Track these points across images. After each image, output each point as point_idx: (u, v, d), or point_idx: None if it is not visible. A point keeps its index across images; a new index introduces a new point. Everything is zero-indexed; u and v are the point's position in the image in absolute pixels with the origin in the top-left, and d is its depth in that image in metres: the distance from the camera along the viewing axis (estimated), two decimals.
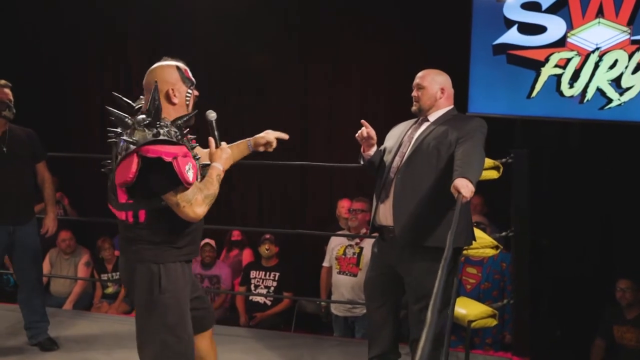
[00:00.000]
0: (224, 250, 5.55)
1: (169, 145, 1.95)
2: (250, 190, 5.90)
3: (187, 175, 1.93)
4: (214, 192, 2.05)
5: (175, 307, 2.07)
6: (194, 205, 1.98)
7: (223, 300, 5.02)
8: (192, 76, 2.16)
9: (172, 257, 2.08)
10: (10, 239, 3.26)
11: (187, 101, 2.12)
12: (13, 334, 3.51)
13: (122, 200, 2.04)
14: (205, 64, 5.79)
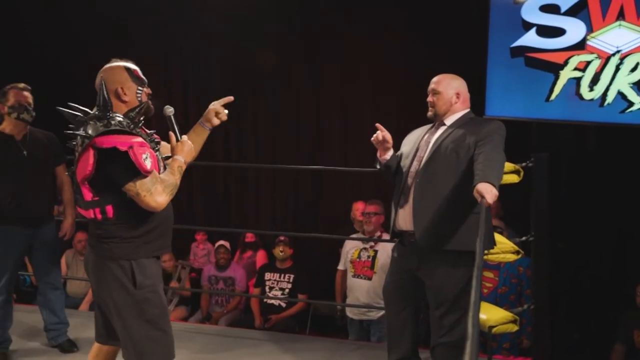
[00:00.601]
0: (238, 252, 5.56)
1: (123, 135, 2.00)
2: (264, 192, 5.91)
3: (144, 164, 1.97)
4: (174, 181, 2.08)
5: (154, 300, 2.10)
6: (154, 194, 2.01)
7: (238, 302, 5.04)
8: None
9: (143, 252, 2.10)
10: (29, 241, 3.27)
11: (138, 98, 2.15)
12: (33, 335, 3.53)
13: (88, 198, 2.06)
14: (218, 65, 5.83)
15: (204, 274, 5.19)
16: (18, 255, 3.26)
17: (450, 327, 2.49)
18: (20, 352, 3.31)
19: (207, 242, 5.82)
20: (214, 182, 6.08)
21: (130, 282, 2.06)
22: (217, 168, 5.98)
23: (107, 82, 2.11)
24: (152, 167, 2.00)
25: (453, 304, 2.48)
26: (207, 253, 5.80)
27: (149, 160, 1.98)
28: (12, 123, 3.20)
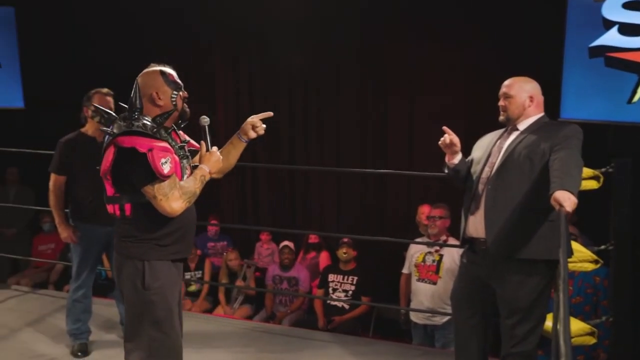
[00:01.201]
0: (301, 253, 5.61)
1: (144, 137, 2.03)
2: (328, 194, 5.93)
3: (161, 168, 1.99)
4: (193, 190, 2.12)
5: (161, 303, 2.11)
6: (170, 200, 2.04)
7: (301, 302, 5.08)
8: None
9: (157, 254, 2.12)
10: (108, 238, 3.42)
11: (173, 102, 2.18)
12: (110, 327, 3.70)
13: (110, 193, 2.14)
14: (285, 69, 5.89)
15: (268, 274, 5.26)
16: (98, 252, 3.42)
17: (522, 337, 2.43)
18: (98, 343, 3.47)
19: (271, 242, 5.90)
20: (279, 184, 6.16)
21: (140, 282, 2.11)
22: (283, 170, 6.05)
23: (143, 87, 2.16)
24: (171, 172, 2.02)
25: (526, 313, 2.42)
26: (271, 253, 5.88)
27: (167, 165, 2.00)
28: (94, 126, 3.36)
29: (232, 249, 5.42)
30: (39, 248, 5.96)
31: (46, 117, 5.45)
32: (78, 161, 3.31)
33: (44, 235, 6.00)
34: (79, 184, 3.34)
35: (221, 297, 5.24)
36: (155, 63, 2.24)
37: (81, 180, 3.33)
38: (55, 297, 4.35)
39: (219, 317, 4.36)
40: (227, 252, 5.39)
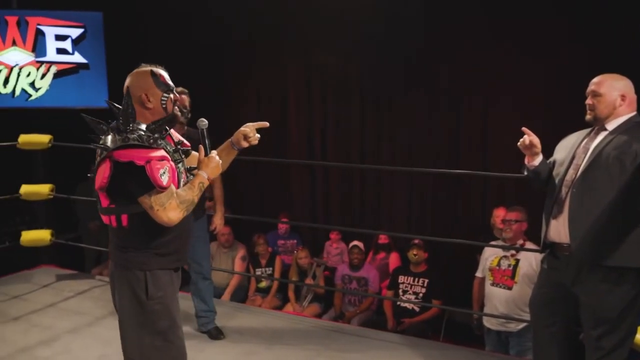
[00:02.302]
0: (371, 253, 5.58)
1: (141, 149, 1.97)
2: (400, 194, 5.87)
3: (160, 179, 1.95)
4: (191, 198, 2.05)
5: (164, 312, 2.08)
6: (167, 210, 1.99)
7: (370, 302, 5.05)
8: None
9: (158, 264, 2.08)
10: None
11: (162, 105, 2.11)
12: (184, 320, 3.69)
13: (104, 204, 2.06)
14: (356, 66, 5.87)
15: (337, 273, 5.27)
16: None
17: (610, 350, 2.30)
18: None
19: (340, 242, 5.91)
20: (350, 183, 6.16)
21: (143, 292, 2.07)
22: (354, 169, 6.04)
23: (132, 88, 2.09)
24: (169, 182, 1.98)
25: (614, 324, 2.29)
26: (340, 252, 5.89)
27: (166, 176, 1.96)
28: None
29: (302, 248, 5.47)
30: None
31: None
32: None
33: None
34: None
35: (291, 295, 5.30)
36: (146, 63, 2.17)
37: None
38: None
39: (288, 314, 4.40)
40: (298, 251, 5.44)
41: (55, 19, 5.10)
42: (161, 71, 2.15)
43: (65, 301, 4.17)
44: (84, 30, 5.15)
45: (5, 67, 5.00)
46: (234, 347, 3.47)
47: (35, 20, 5.03)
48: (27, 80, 5.10)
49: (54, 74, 5.15)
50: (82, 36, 5.16)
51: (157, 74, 2.13)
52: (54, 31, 5.10)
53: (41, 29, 5.05)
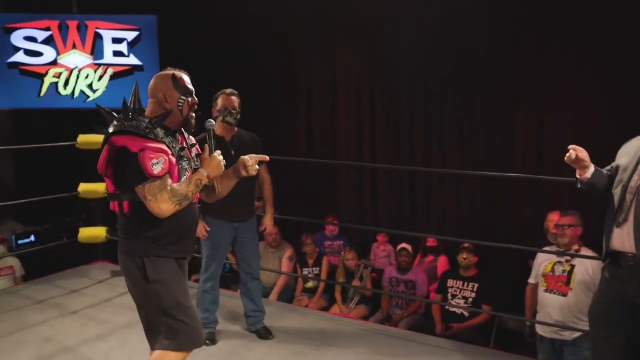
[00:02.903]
0: (419, 256, 5.52)
1: (138, 137, 2.05)
2: (450, 197, 5.77)
3: (151, 169, 2.02)
4: (184, 192, 2.11)
5: (167, 294, 2.15)
6: (159, 201, 2.05)
7: (418, 306, 4.99)
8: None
9: (155, 252, 2.15)
10: (234, 233, 3.57)
11: (179, 107, 2.19)
12: (234, 319, 3.87)
13: (111, 190, 2.18)
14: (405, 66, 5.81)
15: (385, 275, 5.23)
16: (227, 246, 3.59)
17: None
18: (225, 334, 3.65)
19: (387, 244, 5.86)
20: (399, 185, 6.10)
21: (142, 277, 2.15)
22: (403, 171, 5.98)
23: (153, 90, 2.21)
24: (162, 173, 2.04)
25: None
26: (387, 255, 5.84)
27: (159, 166, 2.03)
28: (221, 125, 3.51)
29: (350, 249, 5.45)
30: None
31: None
32: None
33: None
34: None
35: (337, 296, 5.30)
36: (172, 67, 2.26)
37: None
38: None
39: (335, 316, 4.39)
40: (345, 252, 5.43)
41: (112, 22, 5.27)
42: (183, 75, 2.24)
43: (120, 297, 4.29)
44: (139, 33, 5.29)
45: (66, 70, 5.20)
46: (282, 347, 3.49)
47: (94, 24, 5.21)
48: (85, 82, 5.28)
49: (111, 75, 5.32)
50: (138, 39, 5.30)
51: (177, 78, 2.22)
52: (111, 34, 5.27)
53: (99, 33, 5.22)
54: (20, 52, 5.11)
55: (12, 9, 6.17)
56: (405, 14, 5.58)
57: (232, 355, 3.38)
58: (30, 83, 5.13)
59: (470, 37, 5.32)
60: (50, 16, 5.18)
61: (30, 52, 5.15)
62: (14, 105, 5.18)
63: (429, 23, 5.51)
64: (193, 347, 2.24)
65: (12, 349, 3.42)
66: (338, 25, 6.05)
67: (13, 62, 5.10)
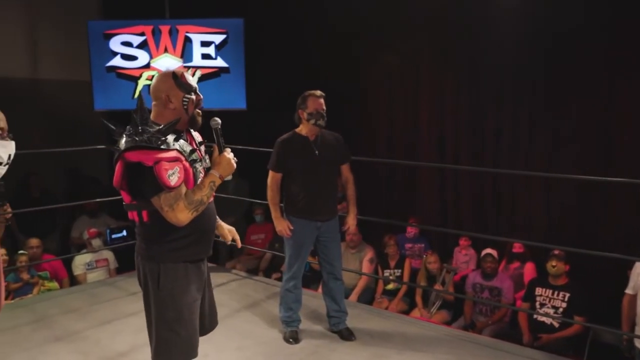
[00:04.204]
0: (504, 262, 5.32)
1: (150, 150, 2.01)
2: (537, 201, 5.52)
3: (167, 180, 2.01)
4: (199, 198, 2.09)
5: (171, 303, 2.15)
6: (175, 211, 2.05)
7: (504, 313, 4.81)
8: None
9: (173, 257, 2.16)
10: (317, 232, 3.58)
11: (184, 105, 2.13)
12: (317, 318, 3.89)
13: (127, 201, 2.17)
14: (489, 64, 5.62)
15: (468, 281, 5.08)
16: (309, 245, 3.60)
17: None
18: (307, 333, 3.67)
19: (469, 248, 5.69)
20: (483, 187, 5.90)
21: (156, 282, 2.16)
22: (487, 174, 5.78)
23: (155, 92, 2.14)
24: (178, 183, 2.03)
25: None
26: (469, 259, 5.68)
27: (175, 176, 2.02)
28: (308, 127, 3.53)
29: (432, 252, 5.34)
30: (251, 237, 6.54)
31: (262, 117, 5.94)
32: (292, 159, 3.51)
33: (256, 226, 6.57)
34: (293, 180, 3.54)
35: (418, 300, 5.20)
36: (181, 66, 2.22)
37: (295, 177, 3.53)
38: (268, 284, 4.71)
39: (417, 320, 4.31)
40: (427, 255, 5.32)
41: (201, 26, 5.47)
42: (185, 72, 2.18)
43: None
44: (226, 36, 5.45)
45: (157, 73, 5.44)
46: (364, 349, 3.46)
47: (185, 28, 5.42)
48: None
49: (199, 77, 5.51)
50: (225, 42, 5.47)
51: (179, 75, 2.15)
52: (200, 38, 5.46)
53: (189, 37, 5.43)
54: (117, 57, 5.41)
55: (110, 16, 6.55)
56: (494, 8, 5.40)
57: (314, 355, 3.40)
58: (125, 85, 5.42)
59: (565, 31, 5.06)
60: (145, 22, 5.44)
61: (126, 56, 5.44)
62: (111, 107, 5.47)
63: (519, 17, 5.29)
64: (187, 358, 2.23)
65: (111, 337, 3.62)
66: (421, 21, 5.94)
67: (111, 65, 5.41)
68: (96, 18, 6.59)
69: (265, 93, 6.14)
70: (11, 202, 2.32)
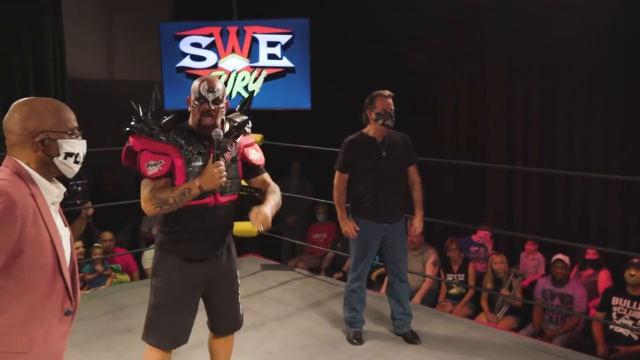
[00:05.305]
0: (575, 268, 5.09)
1: (143, 137, 2.24)
2: (613, 204, 5.25)
3: (145, 169, 2.21)
4: (165, 198, 2.19)
5: (160, 291, 2.33)
6: (142, 199, 2.24)
7: (576, 323, 4.60)
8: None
9: (169, 248, 2.34)
10: (383, 234, 3.54)
11: (192, 111, 2.30)
12: (380, 320, 3.85)
13: None
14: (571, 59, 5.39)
15: (537, 287, 4.89)
16: (375, 247, 3.56)
17: None
18: (370, 334, 3.64)
19: (537, 253, 5.49)
20: (553, 191, 5.67)
21: (153, 268, 2.40)
22: (559, 176, 5.54)
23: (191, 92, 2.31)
24: (155, 175, 2.21)
25: None
26: (536, 264, 5.47)
27: (154, 168, 2.20)
28: (376, 127, 3.49)
29: (497, 253, 5.18)
30: (313, 236, 6.56)
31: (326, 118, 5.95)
32: (359, 160, 3.49)
33: (318, 225, 6.59)
34: (359, 181, 3.52)
35: (484, 304, 5.06)
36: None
37: (361, 177, 3.51)
38: (331, 284, 4.71)
39: (483, 325, 4.19)
40: (493, 256, 5.17)
41: (267, 27, 5.53)
42: (204, 81, 2.29)
43: (269, 290, 4.49)
44: (292, 36, 5.49)
45: (224, 73, 5.55)
46: (430, 353, 3.40)
47: (252, 29, 5.50)
48: (241, 84, 5.60)
49: (265, 77, 5.58)
50: (290, 42, 5.51)
51: (200, 82, 2.29)
52: (266, 38, 5.53)
53: (255, 37, 5.51)
54: (187, 57, 5.56)
55: (180, 18, 6.74)
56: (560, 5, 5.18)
57: (378, 357, 3.37)
58: None
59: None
60: (213, 23, 5.57)
61: (195, 56, 5.58)
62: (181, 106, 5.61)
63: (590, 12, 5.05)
64: (163, 346, 2.36)
65: None
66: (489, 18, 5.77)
67: (180, 66, 5.56)
68: (166, 20, 6.79)
69: (330, 93, 6.14)
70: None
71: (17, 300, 1.49)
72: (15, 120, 1.56)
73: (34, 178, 1.56)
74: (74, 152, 1.61)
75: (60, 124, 1.59)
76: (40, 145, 1.56)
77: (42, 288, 1.53)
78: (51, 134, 1.57)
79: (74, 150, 1.61)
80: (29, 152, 1.56)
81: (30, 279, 1.50)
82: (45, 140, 1.56)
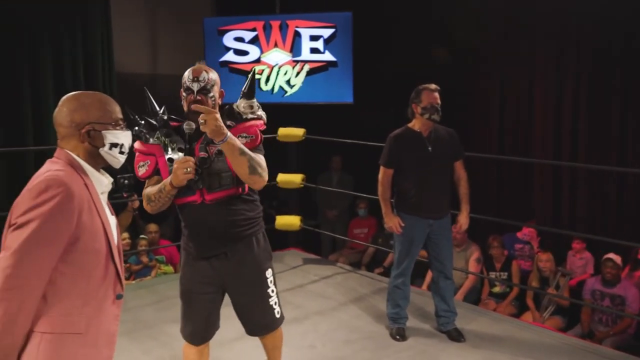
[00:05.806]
0: (627, 268, 4.91)
1: (138, 139, 2.27)
2: None
3: (137, 170, 2.29)
4: (147, 194, 2.25)
5: (180, 286, 2.42)
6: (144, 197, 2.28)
7: (628, 324, 4.45)
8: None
9: (183, 245, 2.40)
10: (428, 230, 3.49)
11: (182, 103, 2.28)
12: (424, 317, 3.80)
13: None
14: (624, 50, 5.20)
15: (586, 287, 4.74)
16: (420, 243, 3.51)
17: None
18: (413, 330, 3.60)
19: (584, 252, 5.32)
20: (603, 187, 5.48)
21: None
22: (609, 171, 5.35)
23: None
24: (145, 175, 2.28)
25: None
26: (584, 264, 5.31)
27: (143, 168, 2.28)
28: (422, 121, 3.43)
29: (544, 251, 5.04)
30: (354, 231, 6.53)
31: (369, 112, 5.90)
32: (405, 155, 3.44)
33: (359, 220, 6.55)
34: (405, 176, 3.47)
35: (530, 303, 4.94)
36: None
37: (407, 173, 3.45)
38: (372, 279, 4.68)
39: (529, 324, 4.09)
40: (539, 254, 5.04)
41: (310, 20, 5.52)
42: (190, 72, 2.24)
43: (311, 284, 4.49)
44: (334, 30, 5.47)
45: (267, 67, 5.58)
46: (475, 351, 3.34)
47: (294, 23, 5.51)
48: (284, 78, 5.62)
49: (307, 72, 5.59)
50: (333, 36, 5.50)
51: (188, 74, 2.25)
52: (309, 32, 5.53)
53: (298, 31, 5.52)
54: (230, 52, 5.61)
55: (223, 12, 6.80)
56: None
57: (423, 354, 3.32)
58: (236, 80, 5.60)
59: None
60: (256, 17, 5.59)
61: (238, 51, 5.63)
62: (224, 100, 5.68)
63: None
64: (187, 339, 2.44)
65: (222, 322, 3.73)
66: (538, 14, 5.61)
67: (224, 60, 5.62)
68: (209, 14, 6.86)
69: (373, 87, 6.08)
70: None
71: (75, 285, 1.56)
72: (64, 113, 1.64)
73: (84, 168, 1.64)
74: (119, 142, 1.68)
75: (105, 115, 1.66)
76: (86, 136, 1.63)
77: (98, 273, 1.61)
78: (96, 126, 1.64)
79: (118, 140, 1.68)
80: (76, 143, 1.64)
81: (87, 264, 1.58)
82: (91, 132, 1.64)
